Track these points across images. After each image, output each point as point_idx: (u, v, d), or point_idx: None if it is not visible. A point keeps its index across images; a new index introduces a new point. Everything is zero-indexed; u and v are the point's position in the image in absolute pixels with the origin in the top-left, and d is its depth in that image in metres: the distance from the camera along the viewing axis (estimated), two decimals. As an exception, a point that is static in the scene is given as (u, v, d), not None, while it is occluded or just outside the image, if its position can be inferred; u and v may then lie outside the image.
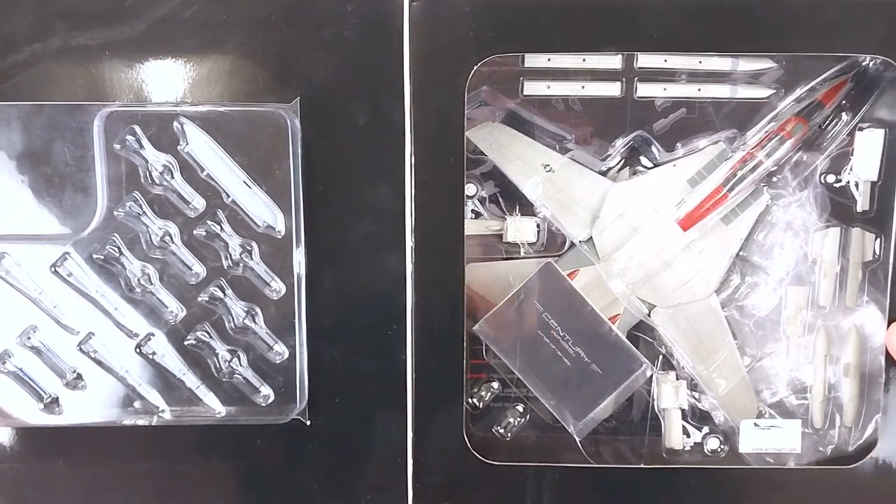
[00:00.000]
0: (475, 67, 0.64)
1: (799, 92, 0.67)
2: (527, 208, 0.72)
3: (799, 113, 0.67)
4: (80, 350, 0.64)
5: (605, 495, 0.69)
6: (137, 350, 0.64)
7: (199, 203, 0.63)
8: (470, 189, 0.70)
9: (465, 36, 0.64)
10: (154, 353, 0.64)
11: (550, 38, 0.66)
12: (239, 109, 0.63)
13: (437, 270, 0.66)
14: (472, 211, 0.71)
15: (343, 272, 0.66)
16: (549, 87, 0.69)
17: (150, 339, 0.64)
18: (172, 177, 0.63)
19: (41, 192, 0.63)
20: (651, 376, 0.70)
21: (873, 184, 0.67)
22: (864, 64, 0.66)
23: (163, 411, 0.65)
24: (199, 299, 0.64)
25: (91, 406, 0.65)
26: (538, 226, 0.71)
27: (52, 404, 0.64)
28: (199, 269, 0.64)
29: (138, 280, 0.63)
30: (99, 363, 0.64)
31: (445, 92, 0.65)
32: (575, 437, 0.70)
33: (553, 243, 0.72)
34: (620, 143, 0.70)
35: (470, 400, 0.71)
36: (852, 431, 0.69)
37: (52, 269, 0.63)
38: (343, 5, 0.63)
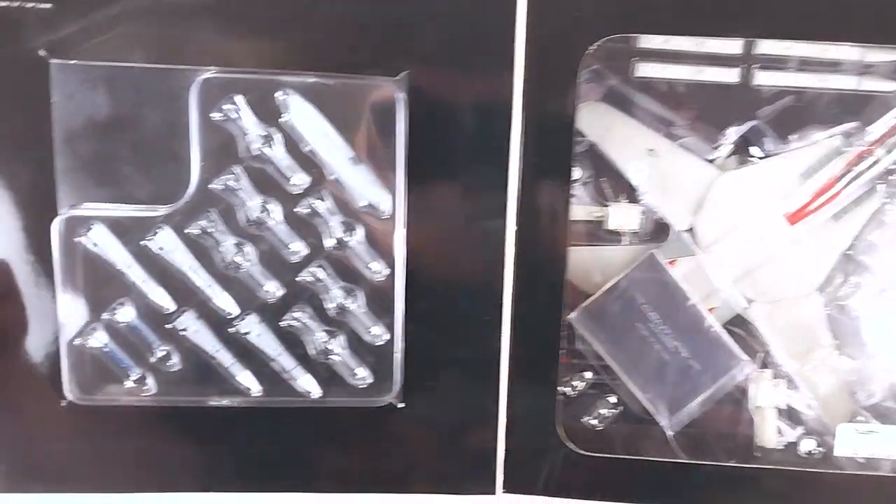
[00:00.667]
0: (592, 47, 0.61)
1: (928, 88, 0.64)
2: (626, 193, 0.69)
3: (926, 109, 0.64)
4: (170, 327, 0.61)
5: (694, 491, 0.68)
6: (232, 329, 0.61)
7: (301, 178, 0.60)
8: (574, 173, 0.67)
9: (583, 14, 0.61)
10: (248, 333, 0.62)
11: (671, 20, 0.63)
12: (345, 81, 0.59)
13: (537, 256, 0.64)
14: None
15: (443, 254, 0.63)
16: (662, 70, 0.66)
17: (244, 318, 0.62)
18: (273, 150, 0.60)
19: (131, 161, 0.59)
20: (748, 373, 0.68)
21: None
22: None
23: (254, 392, 0.63)
24: (298, 279, 0.62)
25: (180, 385, 0.62)
26: (642, 214, 0.68)
27: (139, 383, 0.62)
28: (299, 247, 0.61)
29: (233, 257, 0.61)
30: (189, 341, 0.61)
31: (558, 71, 0.62)
32: (667, 431, 0.68)
33: (652, 231, 0.69)
34: (732, 132, 0.67)
35: (561, 389, 0.69)
36: (956, 440, 0.67)
37: (144, 242, 0.60)
38: (458, -22, 0.59)
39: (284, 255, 0.62)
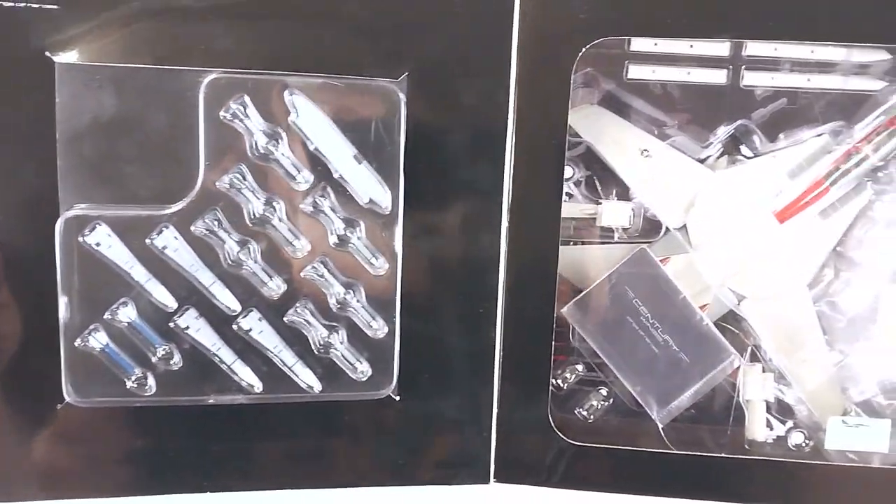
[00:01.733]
0: (584, 50, 0.62)
1: (912, 85, 0.66)
2: (620, 193, 0.70)
3: (911, 107, 0.66)
4: (172, 326, 0.62)
5: (685, 481, 0.69)
6: (234, 326, 0.62)
7: (305, 176, 0.61)
8: (566, 172, 0.69)
9: (575, 17, 0.63)
10: (250, 330, 0.62)
11: (661, 23, 0.64)
12: (349, 82, 0.60)
13: (530, 252, 0.66)
14: (566, 193, 0.70)
15: (439, 250, 0.65)
16: (653, 72, 0.68)
17: (246, 316, 0.62)
18: (279, 149, 0.61)
19: (135, 161, 0.60)
20: (738, 367, 0.70)
21: None
22: (983, 57, 0.65)
23: (256, 389, 0.63)
24: (302, 275, 0.63)
25: (180, 384, 0.63)
26: (633, 211, 0.70)
27: (140, 383, 0.62)
28: (302, 244, 0.62)
29: (237, 254, 0.61)
30: (191, 339, 0.62)
31: (552, 73, 0.64)
32: (658, 423, 0.70)
33: (645, 229, 0.71)
34: (722, 132, 0.69)
35: (554, 381, 0.70)
36: (945, 433, 0.69)
37: (147, 241, 0.60)
38: (456, -19, 0.61)
39: (287, 252, 0.63)
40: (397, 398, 0.65)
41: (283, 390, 0.64)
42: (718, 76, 0.67)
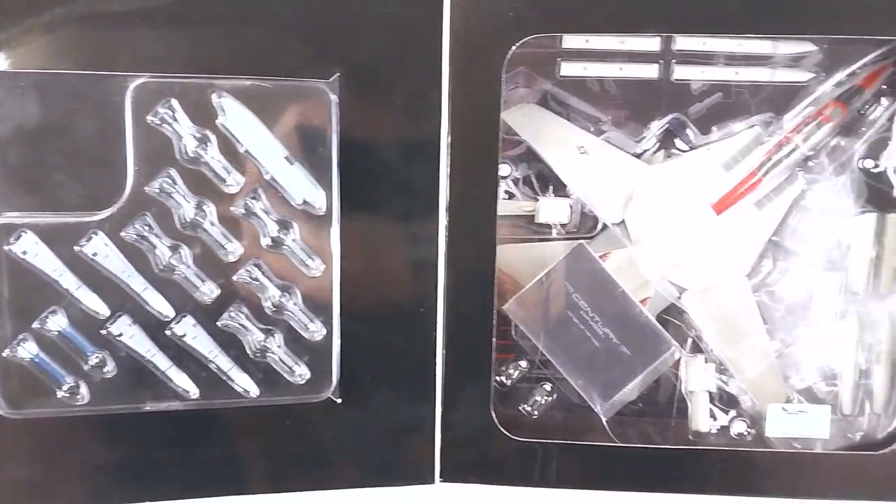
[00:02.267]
0: (514, 48, 0.63)
1: (839, 76, 0.67)
2: (560, 190, 0.71)
3: (838, 97, 0.67)
4: (104, 333, 0.61)
5: (630, 474, 0.69)
6: (168, 332, 0.62)
7: (236, 178, 0.61)
8: (504, 170, 0.69)
9: (504, 16, 0.63)
10: (185, 335, 0.62)
11: (590, 20, 0.65)
12: (279, 83, 0.60)
13: (469, 250, 0.66)
14: (505, 192, 0.70)
15: (377, 250, 0.65)
16: (585, 69, 0.68)
17: (180, 321, 0.62)
18: (208, 151, 0.60)
19: (63, 168, 0.59)
20: (679, 359, 0.70)
21: (911, 169, 0.68)
22: (905, 48, 0.66)
23: (192, 395, 0.63)
24: (235, 279, 0.62)
25: (114, 392, 0.62)
26: (571, 207, 0.70)
27: (72, 392, 0.61)
28: (235, 247, 0.62)
29: (169, 259, 0.61)
30: (124, 347, 0.61)
31: (483, 71, 0.64)
32: (601, 416, 0.70)
33: (585, 225, 0.71)
34: (656, 126, 0.69)
35: (497, 378, 0.70)
36: (881, 418, 0.69)
37: (77, 248, 0.60)
38: (385, -19, 0.61)
39: (220, 255, 0.62)
40: (338, 400, 0.65)
41: (220, 396, 0.63)
42: (650, 71, 0.68)
